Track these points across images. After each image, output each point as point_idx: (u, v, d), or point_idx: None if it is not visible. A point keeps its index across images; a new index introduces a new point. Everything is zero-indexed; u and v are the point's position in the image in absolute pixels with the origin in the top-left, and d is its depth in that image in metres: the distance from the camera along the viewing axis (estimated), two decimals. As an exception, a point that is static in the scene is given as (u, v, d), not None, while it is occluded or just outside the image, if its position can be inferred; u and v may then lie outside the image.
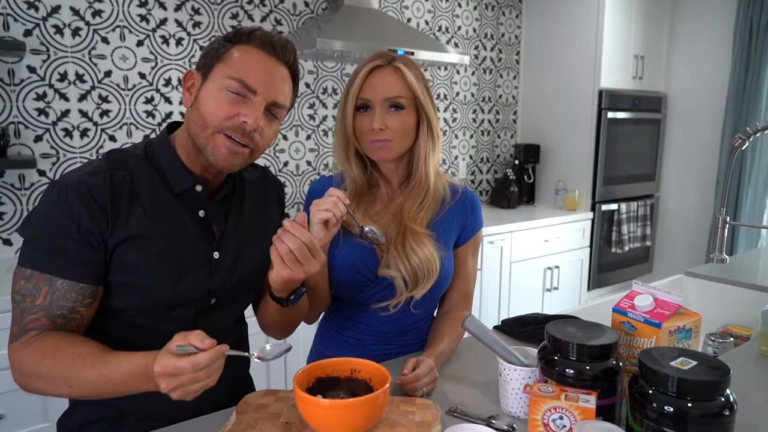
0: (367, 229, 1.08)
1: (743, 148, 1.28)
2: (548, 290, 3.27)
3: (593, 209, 3.43)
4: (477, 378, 1.13)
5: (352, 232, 1.18)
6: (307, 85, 2.79)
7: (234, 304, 1.08)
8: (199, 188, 0.99)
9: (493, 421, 0.94)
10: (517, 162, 3.62)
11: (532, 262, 3.16)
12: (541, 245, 3.18)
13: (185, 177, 0.98)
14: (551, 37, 3.55)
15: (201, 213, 1.00)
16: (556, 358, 0.87)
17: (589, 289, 3.52)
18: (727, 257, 1.35)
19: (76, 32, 2.15)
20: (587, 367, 0.84)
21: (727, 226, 1.33)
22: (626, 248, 3.55)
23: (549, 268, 3.24)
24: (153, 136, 1.76)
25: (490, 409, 1.00)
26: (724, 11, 3.40)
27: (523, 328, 1.34)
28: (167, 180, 0.97)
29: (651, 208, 3.71)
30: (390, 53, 1.17)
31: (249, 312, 1.16)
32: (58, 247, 0.88)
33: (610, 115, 3.35)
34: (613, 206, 3.49)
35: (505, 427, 0.93)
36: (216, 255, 1.01)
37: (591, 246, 3.46)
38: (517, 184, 3.56)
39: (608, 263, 3.58)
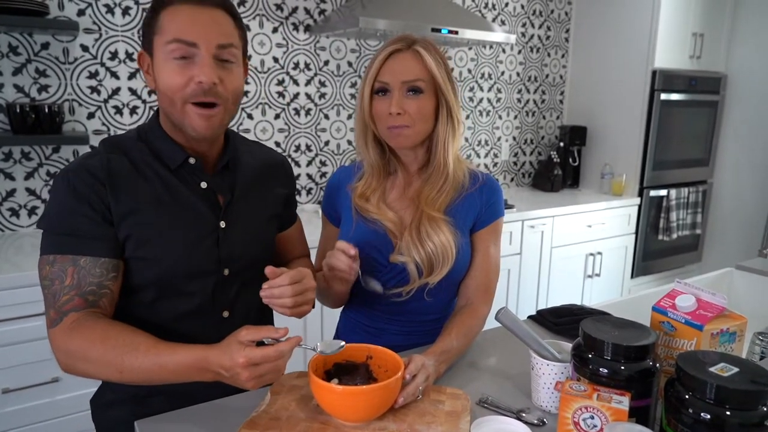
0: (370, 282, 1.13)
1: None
2: (589, 276, 3.20)
3: (641, 194, 3.31)
4: (509, 370, 1.12)
5: (365, 217, 1.19)
6: (350, 64, 2.78)
7: (250, 281, 1.07)
8: (192, 161, 1.01)
9: (523, 415, 0.94)
10: (562, 144, 3.52)
11: (573, 248, 3.09)
12: (583, 230, 3.10)
13: (177, 152, 1.00)
14: (603, 14, 3.39)
15: (203, 184, 1.02)
16: (590, 356, 0.85)
17: (632, 277, 3.42)
18: (782, 254, 1.29)
19: (126, 11, 2.20)
20: (622, 367, 0.82)
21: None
22: (674, 236, 3.42)
23: (591, 254, 3.17)
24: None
25: (521, 401, 1.00)
26: (795, -15, 3.17)
27: (557, 320, 1.32)
28: (162, 158, 1.00)
29: (703, 194, 3.55)
30: (411, 36, 1.14)
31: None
32: (74, 228, 0.92)
33: (664, 96, 3.19)
34: (663, 192, 3.36)
35: (535, 421, 0.93)
36: (223, 224, 1.03)
37: (636, 233, 3.35)
38: (562, 166, 3.46)
39: (654, 251, 3.46)
